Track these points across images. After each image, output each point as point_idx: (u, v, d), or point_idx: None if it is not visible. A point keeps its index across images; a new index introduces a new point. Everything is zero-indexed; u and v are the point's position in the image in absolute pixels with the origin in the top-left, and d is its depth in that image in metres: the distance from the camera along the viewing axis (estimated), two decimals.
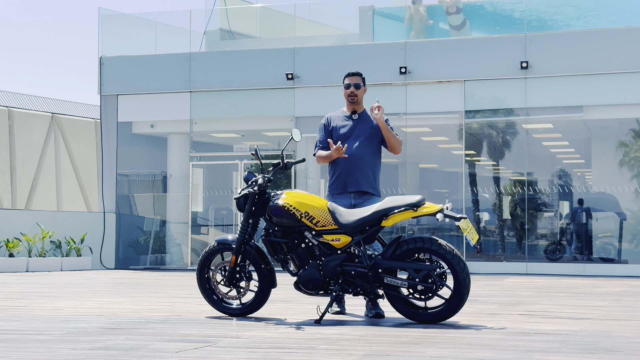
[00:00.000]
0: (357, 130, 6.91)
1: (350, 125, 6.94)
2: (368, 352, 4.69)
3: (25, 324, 6.13)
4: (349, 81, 7.02)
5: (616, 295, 9.41)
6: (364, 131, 6.91)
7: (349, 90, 6.99)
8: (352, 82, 7.00)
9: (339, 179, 6.85)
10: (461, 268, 5.99)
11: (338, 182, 6.85)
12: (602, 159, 16.39)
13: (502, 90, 15.53)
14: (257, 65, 16.67)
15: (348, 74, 7.07)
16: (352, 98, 6.99)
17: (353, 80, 7.01)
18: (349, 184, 6.81)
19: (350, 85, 6.99)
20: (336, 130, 6.95)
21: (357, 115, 7.01)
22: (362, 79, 7.05)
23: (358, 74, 7.06)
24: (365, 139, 6.88)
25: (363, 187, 6.80)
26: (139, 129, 17.91)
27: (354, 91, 6.98)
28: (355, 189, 6.79)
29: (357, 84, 6.99)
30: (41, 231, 15.35)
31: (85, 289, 10.29)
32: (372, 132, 6.91)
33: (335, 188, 6.85)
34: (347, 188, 6.80)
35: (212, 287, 6.64)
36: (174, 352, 4.66)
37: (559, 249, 15.89)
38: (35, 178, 24.16)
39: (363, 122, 6.97)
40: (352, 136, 6.89)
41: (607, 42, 14.92)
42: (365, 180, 6.82)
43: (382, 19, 17.55)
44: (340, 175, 6.84)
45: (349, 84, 7.01)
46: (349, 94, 6.99)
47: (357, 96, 7.00)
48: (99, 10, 17.78)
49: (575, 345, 4.99)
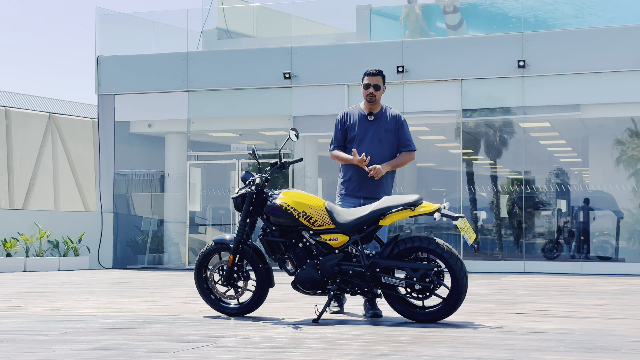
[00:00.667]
0: (372, 132, 6.75)
1: (364, 127, 6.78)
2: (366, 351, 4.69)
3: (23, 324, 6.12)
4: (369, 81, 6.77)
5: (613, 294, 9.42)
6: (379, 134, 6.75)
7: (369, 90, 6.76)
8: (372, 83, 6.75)
9: (351, 180, 6.76)
10: (459, 267, 6.00)
11: (349, 184, 6.77)
12: (599, 158, 16.41)
13: (499, 89, 15.54)
14: (255, 65, 16.67)
15: (368, 73, 6.79)
16: (371, 98, 6.78)
17: (373, 81, 6.76)
18: (360, 188, 6.72)
19: (370, 86, 6.76)
20: (352, 130, 6.80)
21: (372, 117, 6.82)
22: (382, 78, 6.80)
23: (379, 73, 6.79)
24: (379, 141, 6.74)
25: (375, 193, 6.70)
26: (137, 128, 17.90)
27: (373, 92, 6.76)
28: (368, 195, 6.70)
29: (377, 85, 6.75)
30: (39, 231, 15.34)
31: (82, 288, 10.28)
32: (387, 135, 6.76)
33: (345, 188, 6.79)
34: (359, 192, 6.74)
35: (209, 287, 6.64)
36: (172, 352, 4.66)
37: (557, 248, 15.91)
38: (32, 178, 24.14)
39: (379, 124, 6.78)
40: (366, 138, 6.74)
41: (604, 40, 14.93)
42: (377, 187, 6.71)
43: (380, 17, 17.56)
44: (353, 177, 6.75)
45: (368, 84, 6.77)
46: (368, 94, 6.77)
47: (376, 97, 6.79)
48: (96, 10, 17.77)
49: (573, 343, 5.00)
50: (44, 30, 71.60)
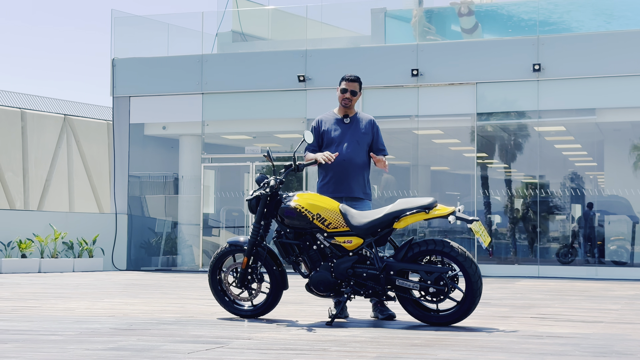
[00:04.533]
0: (349, 135, 6.84)
1: (341, 130, 6.87)
2: (380, 354, 4.68)
3: (38, 324, 6.15)
4: (347, 86, 6.86)
5: (629, 299, 9.36)
6: (355, 136, 6.84)
7: (345, 95, 6.86)
8: (350, 88, 6.85)
9: (329, 182, 6.82)
10: (473, 270, 5.98)
11: (328, 186, 6.81)
12: (614, 162, 16.32)
13: (514, 92, 15.49)
14: (269, 67, 16.69)
15: (346, 78, 6.88)
16: (347, 103, 6.87)
17: (351, 87, 6.86)
18: (340, 189, 6.77)
19: (347, 91, 6.86)
20: (327, 134, 6.88)
21: (348, 119, 6.92)
22: (359, 85, 6.90)
23: (356, 79, 6.89)
24: (357, 143, 6.82)
25: (355, 192, 6.78)
26: (151, 130, 17.96)
27: (349, 97, 6.86)
28: (347, 195, 6.76)
29: (354, 90, 6.86)
30: (53, 232, 15.40)
31: (97, 290, 10.32)
32: (364, 137, 6.86)
33: (325, 191, 6.82)
34: (338, 192, 6.76)
35: (223, 289, 6.65)
36: (186, 353, 4.67)
37: (571, 252, 15.83)
38: (47, 179, 24.25)
39: (355, 126, 6.88)
40: (343, 140, 6.82)
41: (620, 44, 14.86)
42: (357, 186, 6.80)
43: (394, 21, 17.55)
44: (332, 179, 6.80)
45: (345, 89, 6.86)
46: (344, 98, 6.87)
47: (352, 102, 6.88)
48: (111, 12, 17.86)
49: (588, 348, 4.97)
50: (60, 33, 71.97)
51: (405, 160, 16.91)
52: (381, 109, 15.68)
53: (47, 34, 71.32)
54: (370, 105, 15.69)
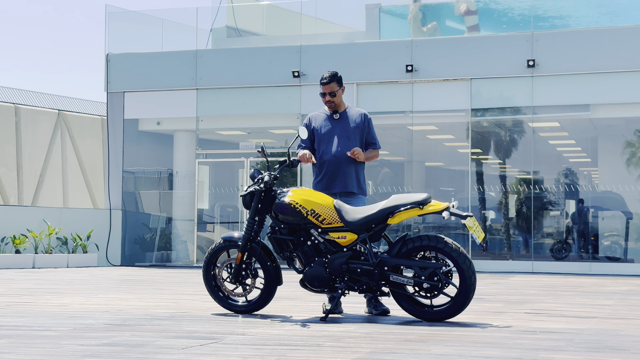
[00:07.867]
0: (339, 130, 6.83)
1: (332, 126, 6.86)
2: (374, 349, 4.69)
3: (32, 320, 6.14)
4: (324, 90, 6.80)
5: (622, 294, 9.39)
6: (345, 131, 6.83)
7: (325, 99, 6.84)
8: (327, 91, 6.80)
9: (323, 179, 6.81)
10: (467, 266, 5.99)
11: (322, 183, 6.82)
12: (608, 158, 16.36)
13: (508, 88, 15.50)
14: (264, 63, 16.68)
15: (321, 82, 6.80)
16: (330, 105, 6.86)
17: (328, 89, 6.79)
18: (334, 185, 6.78)
19: (326, 95, 6.82)
20: (318, 131, 6.88)
21: (338, 115, 6.90)
22: (336, 82, 6.80)
23: (331, 79, 6.79)
24: (347, 138, 6.81)
25: (349, 187, 6.78)
26: (145, 126, 17.93)
27: (330, 99, 6.82)
28: (342, 190, 6.77)
29: (332, 92, 6.80)
30: (47, 228, 15.38)
31: (91, 285, 10.31)
32: (354, 132, 6.85)
33: (319, 188, 6.81)
34: (332, 189, 6.77)
35: (218, 284, 6.65)
36: (180, 348, 4.67)
37: (565, 248, 15.87)
38: (41, 175, 24.21)
39: (344, 121, 6.87)
40: (335, 135, 6.82)
41: (614, 40, 14.88)
42: (350, 181, 6.80)
43: (389, 16, 17.55)
44: (325, 176, 6.80)
45: (323, 93, 6.82)
46: (326, 102, 6.85)
47: (335, 102, 6.84)
48: (105, 8, 17.81)
49: (581, 343, 4.99)
50: (54, 28, 71.78)
51: (399, 156, 16.92)
52: (375, 104, 15.69)
53: (41, 29, 71.13)
54: (365, 100, 15.69)
